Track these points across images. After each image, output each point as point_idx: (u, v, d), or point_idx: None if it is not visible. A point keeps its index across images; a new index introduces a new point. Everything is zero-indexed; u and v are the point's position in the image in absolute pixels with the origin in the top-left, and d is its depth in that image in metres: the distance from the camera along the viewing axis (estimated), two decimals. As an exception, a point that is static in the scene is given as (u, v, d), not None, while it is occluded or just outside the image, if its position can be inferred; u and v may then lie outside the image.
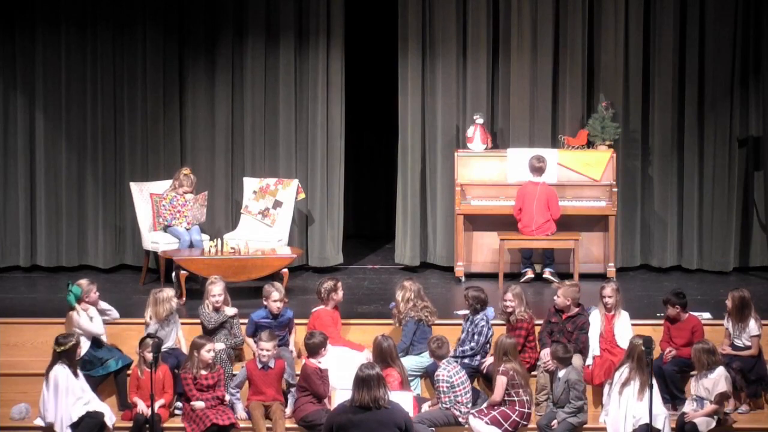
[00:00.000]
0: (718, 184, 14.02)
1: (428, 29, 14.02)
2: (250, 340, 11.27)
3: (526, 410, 10.66)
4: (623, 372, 10.63)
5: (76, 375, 10.62)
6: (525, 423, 10.67)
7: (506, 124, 14.11)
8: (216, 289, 11.30)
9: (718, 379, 10.59)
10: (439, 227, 14.14)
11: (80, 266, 14.14)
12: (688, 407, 10.75)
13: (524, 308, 11.25)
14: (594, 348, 11.19)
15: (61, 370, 10.55)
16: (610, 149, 13.67)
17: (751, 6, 13.91)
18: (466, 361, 11.10)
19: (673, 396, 11.02)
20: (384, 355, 10.64)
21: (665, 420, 10.45)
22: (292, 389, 10.92)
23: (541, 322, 11.46)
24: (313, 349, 10.71)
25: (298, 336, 11.47)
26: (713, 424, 10.59)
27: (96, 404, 10.70)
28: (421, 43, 14.00)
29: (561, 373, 10.78)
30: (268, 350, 10.74)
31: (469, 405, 10.73)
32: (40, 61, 13.97)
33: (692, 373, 10.97)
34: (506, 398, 10.67)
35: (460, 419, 10.66)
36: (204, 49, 14.03)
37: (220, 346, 11.06)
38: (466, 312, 11.41)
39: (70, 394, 10.55)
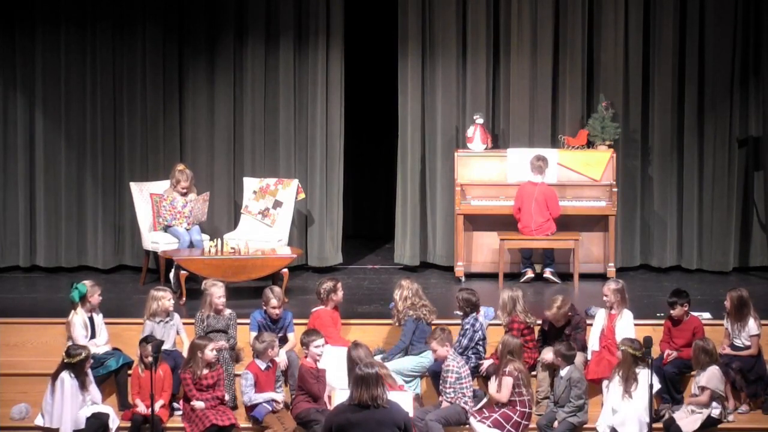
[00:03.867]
0: (718, 184, 14.02)
1: (428, 29, 14.02)
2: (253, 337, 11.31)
3: (527, 410, 10.66)
4: (615, 374, 10.75)
5: (84, 386, 10.60)
6: (526, 423, 10.67)
7: (506, 124, 14.11)
8: (218, 291, 11.30)
9: (705, 375, 10.66)
10: (439, 227, 14.14)
11: (80, 266, 14.14)
12: (684, 409, 10.77)
13: (516, 310, 11.23)
14: (593, 344, 11.22)
15: (67, 378, 10.53)
16: (610, 149, 13.67)
17: (751, 6, 13.91)
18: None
19: (673, 397, 11.03)
20: (354, 363, 10.59)
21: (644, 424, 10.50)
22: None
23: (541, 322, 11.47)
24: (307, 346, 10.74)
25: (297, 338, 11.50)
26: (698, 424, 10.59)
27: (100, 407, 10.71)
28: (421, 44, 14.00)
29: (563, 372, 10.80)
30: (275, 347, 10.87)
31: (471, 400, 10.74)
32: (40, 61, 13.97)
33: (692, 373, 10.99)
34: (508, 398, 10.69)
35: (468, 413, 10.67)
36: (204, 49, 14.03)
37: (221, 344, 11.10)
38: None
39: (74, 402, 10.53)
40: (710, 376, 10.67)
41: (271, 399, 10.76)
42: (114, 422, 10.70)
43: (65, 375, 10.53)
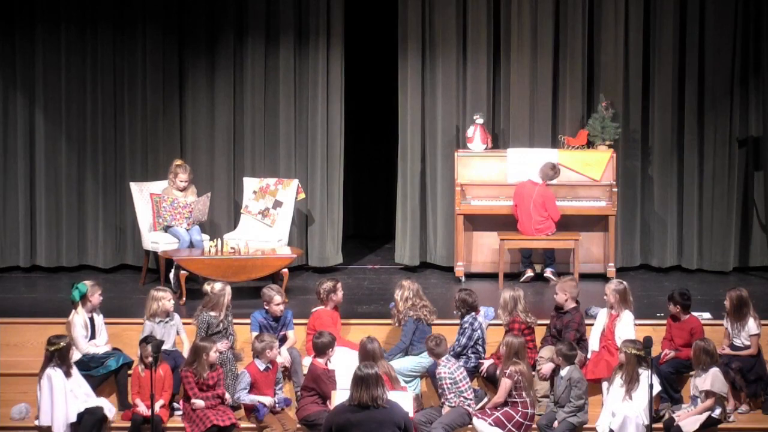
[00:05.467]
0: (718, 184, 14.02)
1: (428, 29, 14.02)
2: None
3: (529, 411, 10.66)
4: (615, 374, 10.75)
5: (69, 374, 10.62)
6: (529, 423, 10.67)
7: (506, 124, 14.11)
8: (229, 293, 11.32)
9: (707, 378, 10.64)
10: (439, 227, 14.13)
11: (80, 266, 14.15)
12: (685, 408, 10.77)
13: (517, 310, 11.23)
14: (593, 344, 11.23)
15: (53, 373, 10.54)
16: (610, 149, 13.67)
17: (751, 6, 13.91)
18: (462, 361, 11.09)
19: (671, 396, 11.03)
20: (368, 357, 10.58)
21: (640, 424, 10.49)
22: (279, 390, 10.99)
23: (542, 322, 11.48)
24: (321, 348, 10.71)
25: (297, 336, 11.51)
26: (698, 424, 10.59)
27: (93, 400, 10.71)
28: (421, 43, 14.01)
29: (563, 372, 10.80)
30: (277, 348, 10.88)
31: (473, 400, 10.75)
32: (40, 61, 13.97)
33: (690, 373, 10.99)
34: (509, 399, 10.68)
35: (472, 414, 10.68)
36: (204, 49, 14.03)
37: (226, 343, 11.10)
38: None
39: (65, 396, 10.54)
40: (714, 380, 10.63)
41: (258, 401, 10.74)
42: (110, 412, 10.71)
43: (50, 370, 10.54)
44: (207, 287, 11.37)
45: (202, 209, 13.32)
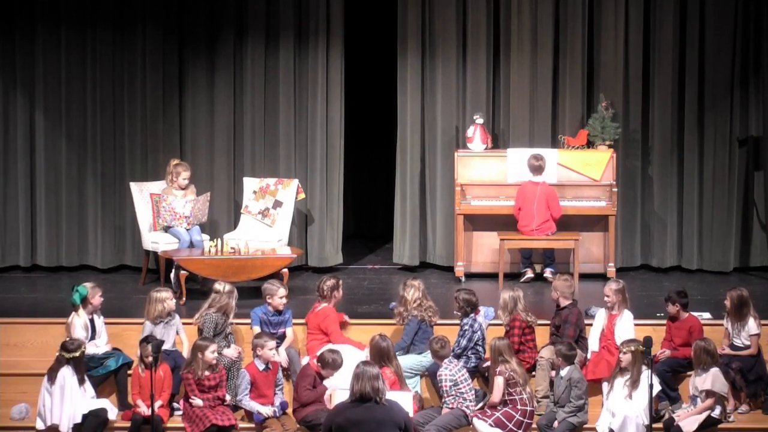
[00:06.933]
0: (718, 184, 14.03)
1: (428, 29, 14.02)
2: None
3: (528, 408, 10.65)
4: (616, 375, 10.75)
5: (82, 381, 10.63)
6: (529, 421, 10.66)
7: (506, 124, 14.12)
8: (236, 293, 11.33)
9: (707, 378, 10.63)
10: (438, 227, 14.14)
11: (80, 266, 14.14)
12: (685, 408, 10.77)
13: (517, 309, 11.23)
14: (593, 344, 11.24)
15: (69, 374, 10.56)
16: (610, 149, 13.67)
17: (751, 6, 13.91)
18: (462, 362, 11.08)
19: (668, 396, 11.03)
20: (381, 355, 10.62)
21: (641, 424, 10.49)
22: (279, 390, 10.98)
23: (542, 322, 11.48)
24: (326, 365, 10.67)
25: (295, 335, 11.52)
26: (697, 424, 10.58)
27: (97, 402, 10.71)
28: (421, 44, 14.01)
29: (563, 372, 10.79)
30: (272, 348, 10.82)
31: (474, 402, 10.74)
32: (40, 61, 13.97)
33: (689, 372, 10.99)
34: (507, 398, 10.67)
35: (470, 416, 10.66)
36: (204, 49, 14.03)
37: (231, 352, 11.10)
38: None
39: (71, 397, 10.55)
40: (714, 380, 10.63)
41: (257, 411, 10.73)
42: (113, 412, 10.72)
43: (66, 370, 10.55)
44: (218, 286, 11.34)
45: (202, 209, 13.32)
